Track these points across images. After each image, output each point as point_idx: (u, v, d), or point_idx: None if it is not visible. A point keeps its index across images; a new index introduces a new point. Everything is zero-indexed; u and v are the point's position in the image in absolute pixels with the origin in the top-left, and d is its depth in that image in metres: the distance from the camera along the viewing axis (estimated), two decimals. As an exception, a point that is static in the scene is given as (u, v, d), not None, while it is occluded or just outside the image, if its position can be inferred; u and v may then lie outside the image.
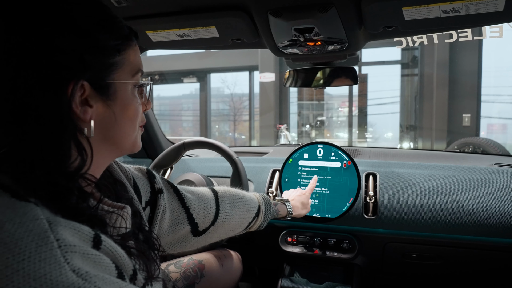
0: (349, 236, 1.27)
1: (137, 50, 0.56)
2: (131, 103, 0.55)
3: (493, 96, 5.88)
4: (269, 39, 1.03)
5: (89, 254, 0.41)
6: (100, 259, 0.42)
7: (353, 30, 0.96)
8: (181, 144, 1.32)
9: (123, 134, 0.55)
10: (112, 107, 0.52)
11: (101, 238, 0.44)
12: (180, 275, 1.00)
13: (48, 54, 0.44)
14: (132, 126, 0.56)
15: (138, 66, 0.55)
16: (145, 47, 1.30)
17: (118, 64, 0.52)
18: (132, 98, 0.55)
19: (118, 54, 0.51)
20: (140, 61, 0.57)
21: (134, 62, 0.55)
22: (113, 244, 0.45)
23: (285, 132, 6.88)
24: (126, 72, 0.53)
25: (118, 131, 0.54)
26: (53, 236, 0.38)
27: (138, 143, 0.60)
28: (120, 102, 0.53)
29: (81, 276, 0.38)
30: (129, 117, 0.55)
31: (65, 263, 0.37)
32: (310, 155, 1.33)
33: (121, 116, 0.53)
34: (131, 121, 0.55)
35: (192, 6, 0.95)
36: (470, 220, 1.16)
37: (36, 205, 0.40)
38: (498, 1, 0.81)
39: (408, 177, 1.31)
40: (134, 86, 0.55)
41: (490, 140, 4.61)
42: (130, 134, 0.56)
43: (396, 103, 7.08)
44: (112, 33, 0.51)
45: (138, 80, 0.56)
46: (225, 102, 9.51)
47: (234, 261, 1.17)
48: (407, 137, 6.77)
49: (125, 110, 0.54)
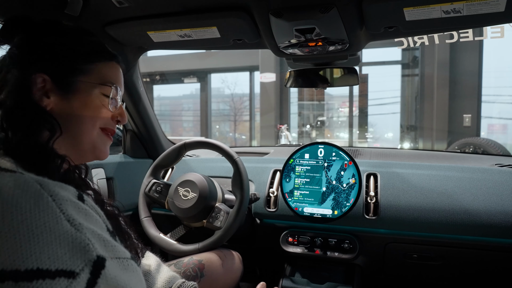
0: (350, 237, 1.27)
1: (113, 67, 0.67)
2: (91, 102, 0.62)
3: (494, 97, 5.88)
4: (270, 39, 1.03)
5: (80, 207, 0.48)
6: (89, 212, 0.49)
7: (354, 30, 0.96)
8: (182, 144, 1.32)
9: (80, 129, 0.61)
10: (71, 102, 0.60)
11: (84, 197, 0.51)
12: (180, 275, 1.00)
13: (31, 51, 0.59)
14: (90, 124, 0.62)
15: (108, 79, 0.65)
16: (146, 48, 1.30)
17: (86, 71, 0.62)
18: (94, 100, 0.62)
19: (87, 64, 0.63)
20: (115, 77, 0.67)
21: (105, 74, 0.65)
22: (93, 203, 0.53)
23: (286, 132, 6.88)
24: (93, 79, 0.63)
25: (75, 124, 0.61)
26: (46, 192, 0.45)
27: (101, 148, 0.66)
28: (80, 99, 0.61)
29: (74, 226, 0.45)
30: (88, 114, 0.62)
31: (60, 213, 0.44)
32: (311, 155, 1.33)
33: (79, 111, 0.61)
34: (90, 118, 0.62)
35: (193, 7, 0.95)
36: (471, 220, 1.16)
37: (22, 174, 0.47)
38: (499, 2, 0.81)
39: (409, 177, 1.31)
40: (101, 93, 0.63)
41: (491, 141, 4.60)
42: (88, 131, 0.62)
43: (396, 103, 7.08)
44: (83, 48, 0.63)
45: (105, 90, 0.64)
46: (226, 102, 9.52)
47: (235, 261, 1.17)
48: (408, 137, 6.77)
49: (84, 106, 0.61)
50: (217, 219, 1.18)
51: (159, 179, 1.33)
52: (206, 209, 1.19)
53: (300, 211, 1.29)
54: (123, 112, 0.69)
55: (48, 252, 0.41)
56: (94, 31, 0.83)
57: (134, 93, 1.43)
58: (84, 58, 0.63)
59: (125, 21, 1.03)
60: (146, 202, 1.29)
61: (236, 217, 1.15)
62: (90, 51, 0.64)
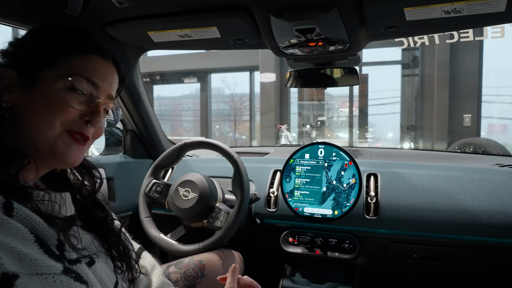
0: (350, 237, 1.27)
1: (92, 60, 0.61)
2: (49, 96, 0.56)
3: (494, 97, 5.88)
4: (270, 39, 1.03)
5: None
6: (9, 224, 0.44)
7: (355, 30, 0.96)
8: (182, 144, 1.32)
9: (34, 126, 0.56)
10: (30, 96, 0.56)
11: (13, 205, 0.46)
12: (181, 275, 1.00)
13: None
14: (46, 121, 0.56)
15: (79, 71, 0.59)
16: (146, 48, 1.30)
17: (55, 64, 0.58)
18: (53, 94, 0.56)
19: (57, 57, 0.58)
20: (92, 69, 0.60)
21: (76, 67, 0.59)
22: (29, 213, 0.47)
23: (286, 132, 6.88)
24: (59, 72, 0.57)
25: (31, 120, 0.56)
26: None
27: (62, 152, 0.57)
28: (40, 94, 0.56)
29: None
30: (45, 109, 0.56)
31: None
32: (311, 156, 1.33)
33: (35, 106, 0.56)
34: (46, 115, 0.56)
35: (194, 7, 0.95)
36: (471, 220, 1.16)
37: None
38: (500, 2, 0.80)
39: (409, 178, 1.31)
40: (66, 87, 0.57)
41: (491, 141, 4.61)
42: (44, 130, 0.56)
43: (396, 103, 7.08)
44: (54, 41, 0.59)
45: (72, 83, 0.57)
46: (226, 102, 9.51)
47: (236, 261, 1.17)
48: (408, 137, 6.77)
49: (42, 101, 0.56)
50: (217, 219, 1.18)
51: (159, 179, 1.33)
52: (206, 209, 1.19)
53: (300, 211, 1.29)
54: (96, 111, 0.60)
55: None
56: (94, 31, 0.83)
57: (134, 93, 1.43)
58: (54, 51, 0.58)
59: (125, 21, 1.03)
60: (146, 202, 1.29)
61: (237, 217, 1.15)
62: (62, 44, 0.59)
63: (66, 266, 0.47)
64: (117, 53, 0.69)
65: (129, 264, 0.68)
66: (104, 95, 0.63)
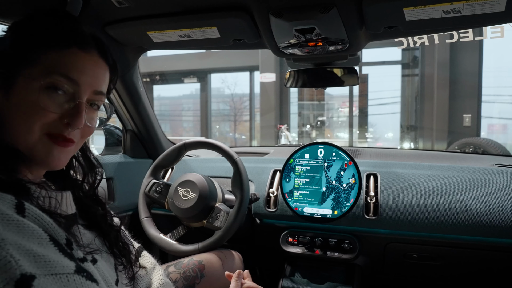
0: (350, 237, 1.27)
1: (72, 55, 0.56)
2: (26, 99, 0.53)
3: (494, 96, 5.88)
4: (270, 39, 1.03)
5: (11, 219, 0.43)
6: (23, 224, 0.44)
7: (354, 30, 0.96)
8: (182, 144, 1.32)
9: (15, 130, 0.53)
10: (10, 99, 0.53)
11: (24, 206, 0.46)
12: (180, 275, 1.00)
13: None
14: (26, 126, 0.53)
15: (56, 69, 0.54)
16: (146, 48, 1.30)
17: (31, 62, 0.53)
18: (31, 96, 0.53)
19: (34, 53, 0.54)
20: (72, 66, 0.55)
21: (54, 64, 0.54)
22: (39, 212, 0.47)
23: (286, 132, 6.88)
24: (36, 71, 0.53)
25: (12, 124, 0.53)
26: None
27: (41, 156, 0.55)
28: (18, 95, 0.53)
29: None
30: (23, 113, 0.53)
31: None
32: (311, 156, 1.33)
33: (14, 110, 0.53)
34: (25, 119, 0.53)
35: (193, 7, 0.95)
36: (471, 220, 1.16)
37: None
38: (499, 2, 0.80)
39: (409, 178, 1.31)
40: (43, 87, 0.53)
41: (491, 141, 4.61)
42: (22, 135, 0.53)
43: (396, 103, 7.08)
44: (30, 36, 0.55)
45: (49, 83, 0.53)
46: (226, 102, 9.52)
47: (235, 261, 1.17)
48: (408, 137, 6.77)
49: (20, 104, 0.53)
50: (217, 219, 1.18)
51: (159, 179, 1.33)
52: (206, 209, 1.19)
53: (300, 211, 1.29)
54: (77, 113, 0.55)
55: None
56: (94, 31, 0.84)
57: (134, 93, 1.43)
58: (29, 47, 0.54)
59: (125, 21, 1.04)
60: (146, 202, 1.29)
61: (236, 217, 1.15)
62: (37, 38, 0.55)
63: (78, 265, 0.47)
64: (117, 53, 0.68)
65: (129, 260, 0.68)
66: (89, 92, 0.58)
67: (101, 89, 0.60)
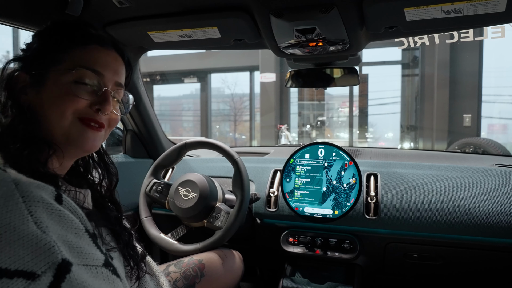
0: (351, 236, 1.27)
1: (92, 50, 0.63)
2: (59, 91, 0.59)
3: (494, 96, 5.88)
4: (270, 39, 1.03)
5: (54, 208, 0.47)
6: (64, 214, 0.48)
7: (355, 30, 0.97)
8: (182, 144, 1.32)
9: (50, 120, 0.59)
10: (42, 94, 0.59)
11: (62, 197, 0.50)
12: (180, 275, 1.01)
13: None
14: (59, 114, 0.59)
15: (81, 63, 0.61)
16: (147, 48, 1.30)
17: (58, 60, 0.60)
18: (62, 88, 0.59)
19: (59, 53, 0.61)
20: (93, 60, 0.62)
21: (79, 60, 0.61)
22: (74, 205, 0.51)
23: (286, 132, 6.88)
24: (66, 67, 0.60)
25: (46, 116, 0.59)
26: (19, 193, 0.45)
27: (77, 137, 0.61)
28: (49, 89, 0.59)
29: (41, 228, 0.44)
30: (56, 102, 0.59)
31: (28, 215, 0.44)
32: (311, 156, 1.33)
33: (48, 102, 0.59)
34: (58, 106, 0.59)
35: (194, 7, 0.95)
36: (471, 220, 1.16)
37: (4, 171, 0.48)
38: (500, 2, 0.81)
39: (409, 178, 1.31)
40: (72, 80, 0.60)
41: (491, 141, 4.60)
42: (57, 122, 0.59)
43: (396, 103, 7.08)
44: (53, 38, 0.62)
45: (77, 76, 0.60)
46: (226, 102, 9.52)
47: (236, 260, 1.17)
48: (408, 137, 6.77)
49: (52, 96, 0.59)
50: (217, 219, 1.18)
51: (160, 179, 1.33)
52: (206, 209, 1.19)
53: (301, 211, 1.29)
54: (105, 100, 0.63)
55: (9, 252, 0.41)
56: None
57: (135, 93, 1.43)
58: (55, 48, 0.61)
59: (125, 21, 1.04)
60: (146, 202, 1.29)
61: (237, 217, 1.15)
62: (61, 41, 0.62)
63: (107, 258, 0.51)
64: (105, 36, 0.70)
65: (136, 263, 0.69)
66: (112, 83, 0.65)
67: (121, 81, 0.67)
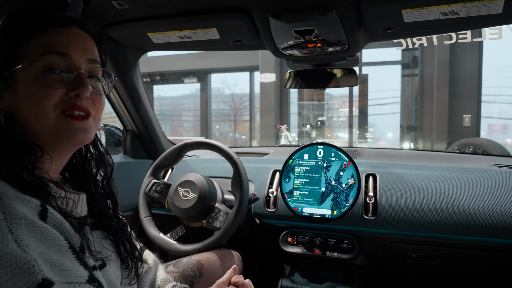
0: (349, 237, 1.28)
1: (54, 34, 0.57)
2: (31, 87, 0.55)
3: (494, 97, 5.88)
4: (269, 40, 1.04)
5: (36, 226, 0.46)
6: (47, 231, 0.46)
7: (353, 31, 0.97)
8: (182, 144, 1.33)
9: (33, 119, 0.56)
10: (16, 96, 0.56)
11: (47, 211, 0.48)
12: (179, 275, 1.01)
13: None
14: (39, 112, 0.55)
15: (41, 51, 0.55)
16: (146, 49, 1.31)
17: (21, 56, 0.56)
18: (32, 83, 0.55)
19: (19, 48, 0.56)
20: (57, 43, 0.57)
21: (40, 48, 0.56)
22: (60, 218, 0.49)
23: (286, 132, 6.89)
24: (28, 60, 0.55)
25: (26, 117, 0.56)
26: (0, 210, 0.44)
27: (64, 131, 0.57)
28: (22, 90, 0.55)
29: (21, 247, 0.43)
30: (32, 100, 0.55)
31: (8, 233, 0.43)
32: (310, 156, 1.34)
33: (25, 104, 0.55)
34: (36, 104, 0.55)
35: (193, 8, 0.96)
36: (470, 220, 1.17)
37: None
38: (497, 4, 0.81)
39: (408, 178, 1.31)
40: (42, 71, 0.55)
41: (491, 141, 4.61)
42: (41, 121, 0.56)
43: (396, 103, 7.09)
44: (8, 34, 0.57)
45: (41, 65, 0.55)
46: (226, 102, 9.52)
47: (234, 261, 1.18)
48: (408, 137, 6.77)
49: (26, 95, 0.55)
50: (216, 219, 1.18)
51: (159, 179, 1.34)
52: (205, 209, 1.20)
53: (300, 211, 1.30)
54: (80, 82, 0.57)
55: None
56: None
57: (134, 94, 1.44)
58: (13, 46, 0.56)
59: (125, 22, 1.04)
60: (146, 202, 1.30)
61: (236, 218, 1.16)
62: (16, 35, 0.57)
63: (91, 274, 0.50)
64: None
65: (134, 262, 0.70)
66: (83, 61, 0.59)
67: (93, 57, 0.61)
